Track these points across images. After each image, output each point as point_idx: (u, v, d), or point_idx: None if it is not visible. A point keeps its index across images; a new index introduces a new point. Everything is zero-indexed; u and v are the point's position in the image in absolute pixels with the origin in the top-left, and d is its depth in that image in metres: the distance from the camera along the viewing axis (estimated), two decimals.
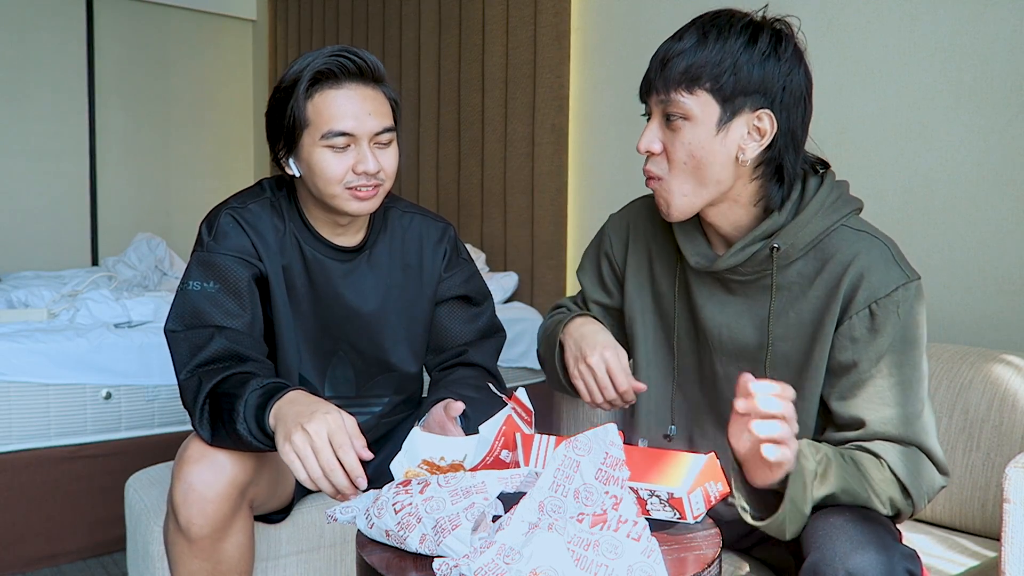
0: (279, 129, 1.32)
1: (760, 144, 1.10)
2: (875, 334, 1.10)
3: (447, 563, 0.84)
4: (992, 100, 1.78)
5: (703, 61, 1.07)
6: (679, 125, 1.10)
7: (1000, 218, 1.78)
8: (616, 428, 0.92)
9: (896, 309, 1.09)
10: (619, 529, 0.86)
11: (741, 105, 1.08)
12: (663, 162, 1.13)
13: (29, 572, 2.18)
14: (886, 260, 1.11)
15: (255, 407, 1.14)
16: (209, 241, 1.33)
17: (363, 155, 1.29)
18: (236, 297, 1.31)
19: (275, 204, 1.39)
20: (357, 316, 1.42)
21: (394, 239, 1.46)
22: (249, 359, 1.27)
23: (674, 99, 1.09)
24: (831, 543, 0.97)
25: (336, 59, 1.28)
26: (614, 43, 2.73)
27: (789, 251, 1.14)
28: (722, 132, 1.09)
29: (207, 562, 1.22)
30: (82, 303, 2.47)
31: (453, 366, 1.51)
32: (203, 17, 4.81)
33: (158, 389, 2.32)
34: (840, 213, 1.14)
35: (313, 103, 1.28)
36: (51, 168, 4.30)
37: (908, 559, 0.95)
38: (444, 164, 3.45)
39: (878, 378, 1.10)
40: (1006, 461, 1.38)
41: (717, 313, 1.22)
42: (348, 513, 1.00)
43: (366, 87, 1.30)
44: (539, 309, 2.97)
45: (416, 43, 3.62)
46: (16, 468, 2.14)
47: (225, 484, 1.19)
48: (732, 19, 1.10)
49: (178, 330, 1.29)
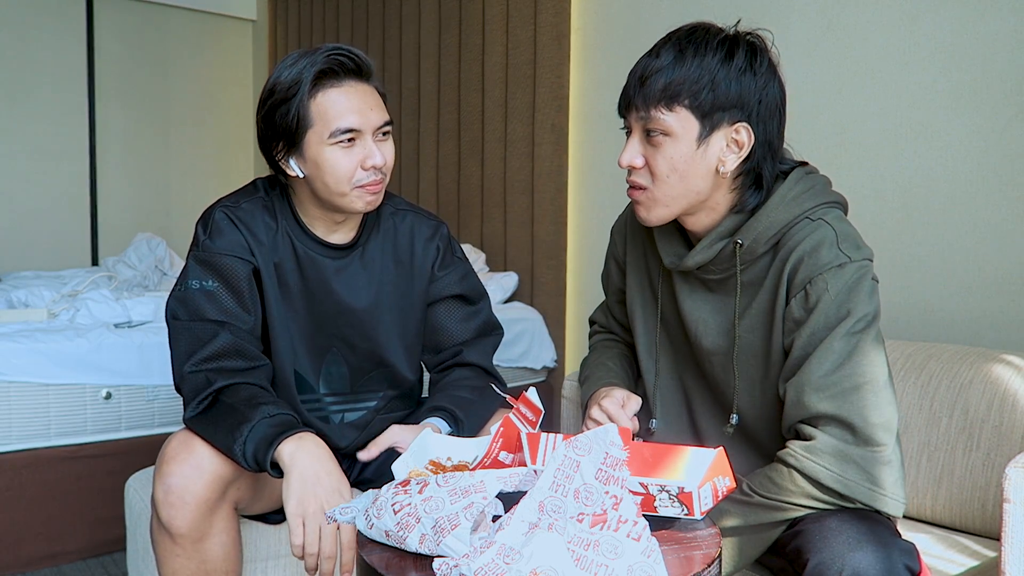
0: (277, 131, 1.32)
1: (739, 156, 1.14)
2: (808, 313, 1.11)
3: (447, 563, 0.84)
4: (992, 100, 1.78)
5: (682, 78, 1.10)
6: (660, 141, 1.13)
7: (1000, 218, 1.78)
8: (616, 428, 0.92)
9: (826, 287, 1.10)
10: (619, 529, 0.86)
11: (720, 120, 1.12)
12: (646, 174, 1.17)
13: (29, 572, 2.18)
14: (828, 243, 1.12)
15: (261, 438, 1.18)
16: (205, 239, 1.35)
17: (370, 150, 1.31)
18: (236, 295, 1.33)
19: (267, 202, 1.41)
20: (350, 312, 1.43)
21: (386, 236, 1.47)
22: (252, 358, 1.31)
23: (654, 116, 1.12)
24: (830, 544, 0.98)
25: (334, 58, 1.29)
26: (614, 43, 2.73)
27: (753, 246, 1.16)
28: (702, 146, 1.12)
29: (191, 560, 1.23)
30: (82, 303, 2.47)
31: (450, 367, 1.53)
32: (203, 17, 4.81)
33: (158, 389, 2.32)
34: (803, 206, 1.15)
35: (316, 102, 1.29)
36: (51, 168, 4.30)
37: (906, 554, 0.96)
38: (444, 164, 3.45)
39: (812, 357, 1.10)
40: (1006, 461, 1.38)
41: (695, 310, 1.26)
42: (347, 513, 1.00)
43: (363, 83, 1.33)
44: (539, 309, 2.97)
45: (416, 43, 3.62)
46: (16, 468, 2.14)
47: (205, 484, 1.21)
48: (708, 35, 1.12)
49: (181, 319, 1.32)
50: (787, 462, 1.09)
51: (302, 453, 1.16)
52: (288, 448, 1.16)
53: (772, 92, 1.14)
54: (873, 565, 0.94)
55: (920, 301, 1.91)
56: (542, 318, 2.94)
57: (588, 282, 2.88)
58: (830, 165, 1.98)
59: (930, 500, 1.48)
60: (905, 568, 0.95)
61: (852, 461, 1.06)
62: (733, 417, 1.23)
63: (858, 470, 1.06)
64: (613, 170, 2.76)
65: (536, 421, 1.14)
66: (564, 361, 2.93)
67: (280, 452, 1.16)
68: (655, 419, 1.35)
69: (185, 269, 1.35)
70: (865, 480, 1.06)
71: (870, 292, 1.11)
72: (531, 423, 1.13)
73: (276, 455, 1.16)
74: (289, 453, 1.15)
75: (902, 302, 1.91)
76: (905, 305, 1.92)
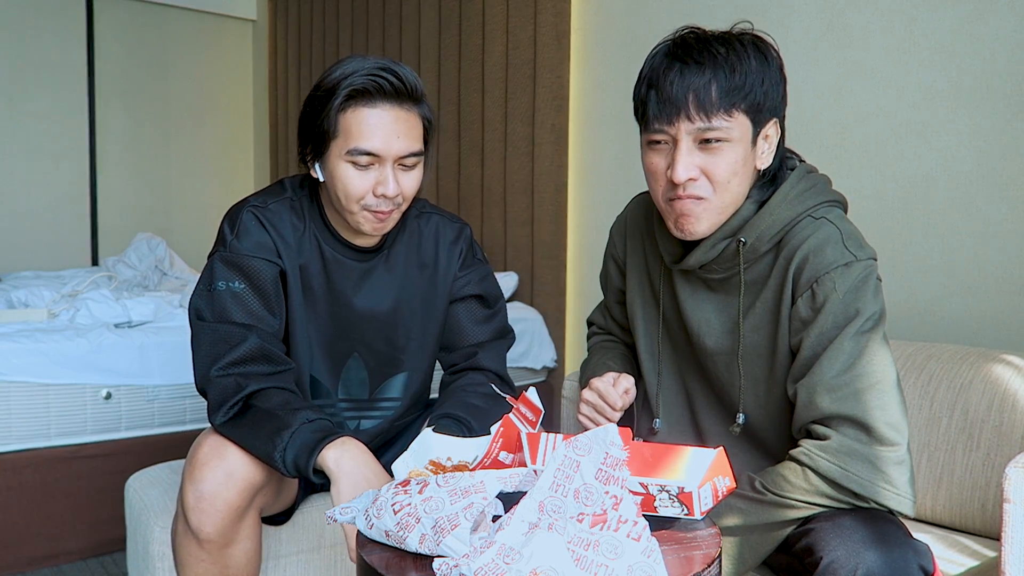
0: (309, 132, 1.32)
1: (771, 152, 1.16)
2: (816, 313, 1.12)
3: (447, 563, 0.84)
4: (992, 100, 1.78)
5: (738, 83, 1.10)
6: (720, 148, 1.12)
7: (1000, 218, 1.78)
8: (616, 428, 0.92)
9: (834, 286, 1.10)
10: (619, 529, 0.86)
11: (764, 119, 1.14)
12: (706, 184, 1.14)
13: (29, 572, 2.18)
14: (833, 242, 1.13)
15: (302, 444, 1.17)
16: (232, 239, 1.33)
17: (385, 177, 1.28)
18: (263, 297, 1.32)
19: (295, 204, 1.39)
20: (373, 317, 1.43)
21: (411, 239, 1.46)
22: (279, 362, 1.29)
23: (716, 124, 1.10)
24: (843, 544, 0.98)
25: (374, 78, 1.26)
26: (614, 43, 2.73)
27: (756, 245, 1.16)
28: (754, 148, 1.14)
29: (215, 566, 1.22)
30: (82, 303, 2.47)
31: (463, 370, 1.51)
32: (203, 17, 4.81)
33: (158, 389, 2.32)
34: (805, 204, 1.16)
35: (344, 117, 1.27)
36: (51, 168, 4.30)
37: (921, 555, 0.96)
38: (444, 164, 3.45)
39: (823, 357, 1.11)
40: (1006, 461, 1.38)
41: (697, 310, 1.26)
42: (348, 514, 1.00)
43: (400, 108, 1.28)
44: (539, 309, 2.97)
45: (416, 43, 3.62)
46: (16, 468, 2.14)
47: (237, 491, 1.20)
48: (733, 38, 1.13)
49: (207, 319, 1.30)
50: (801, 461, 1.09)
51: (347, 458, 1.15)
52: (332, 454, 1.15)
53: (785, 87, 1.17)
54: (888, 565, 0.94)
55: (920, 301, 1.91)
56: (542, 318, 2.94)
57: (588, 282, 2.88)
58: (830, 165, 1.98)
59: (930, 500, 1.48)
60: (919, 568, 0.95)
61: (867, 460, 1.06)
62: (740, 417, 1.22)
63: (873, 469, 1.06)
64: (613, 170, 2.76)
65: (536, 421, 1.14)
66: (564, 361, 2.93)
67: (324, 458, 1.15)
68: (658, 419, 1.34)
69: (211, 268, 1.33)
70: (880, 479, 1.06)
71: (876, 291, 1.12)
72: (531, 423, 1.13)
73: (320, 461, 1.15)
74: (334, 459, 1.15)
75: (902, 302, 1.91)
76: (905, 305, 1.92)
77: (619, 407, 1.28)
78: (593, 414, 1.29)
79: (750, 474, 1.14)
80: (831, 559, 0.97)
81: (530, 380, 2.87)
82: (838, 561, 0.96)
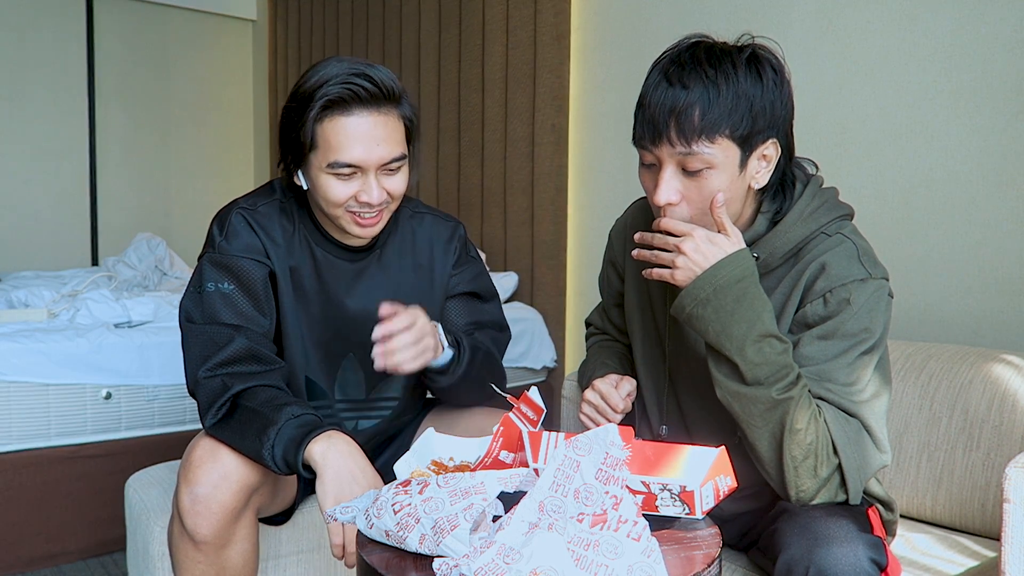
0: (287, 142, 1.30)
1: (769, 170, 1.14)
2: (826, 320, 1.12)
3: (447, 563, 0.84)
4: (992, 100, 1.78)
5: (721, 110, 1.06)
6: (703, 174, 1.09)
7: (1000, 218, 1.78)
8: (617, 428, 0.92)
9: (848, 298, 1.11)
10: (619, 529, 0.86)
11: (756, 141, 1.10)
12: (684, 209, 1.12)
13: (29, 572, 2.18)
14: (849, 257, 1.13)
15: (289, 440, 1.16)
16: (221, 241, 1.33)
17: (368, 185, 1.27)
18: (252, 298, 1.32)
19: (285, 206, 1.38)
20: (368, 317, 1.42)
21: (404, 239, 1.46)
22: (267, 361, 1.29)
23: (696, 151, 1.07)
24: (798, 541, 1.00)
25: (348, 86, 1.23)
26: (614, 43, 2.73)
27: (769, 260, 1.17)
28: (743, 171, 1.11)
29: (211, 567, 1.22)
30: (82, 303, 2.47)
31: None
32: (203, 17, 4.81)
33: (158, 389, 2.32)
34: (819, 222, 1.16)
35: (322, 128, 1.24)
36: (51, 168, 4.30)
37: (872, 548, 0.97)
38: (444, 164, 3.45)
39: (828, 360, 1.11)
40: (1006, 461, 1.38)
41: None
42: (348, 513, 1.00)
43: (378, 113, 1.26)
44: (539, 309, 2.97)
45: (416, 43, 3.62)
46: (16, 468, 2.14)
47: (232, 493, 1.20)
48: (728, 55, 1.09)
49: (196, 321, 1.29)
50: (820, 408, 1.10)
51: (334, 452, 1.15)
52: (319, 448, 1.15)
53: (791, 99, 1.14)
54: (839, 561, 0.95)
55: (920, 301, 1.91)
56: (542, 318, 2.94)
57: (588, 282, 2.88)
58: (830, 165, 1.99)
59: (930, 500, 1.48)
60: (871, 562, 0.96)
61: (865, 456, 1.10)
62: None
63: (864, 466, 1.10)
64: (613, 170, 2.76)
65: (537, 420, 1.14)
66: (564, 361, 2.93)
67: (311, 452, 1.15)
68: (664, 426, 1.33)
69: (200, 270, 1.32)
70: (857, 456, 1.09)
71: (886, 309, 1.13)
72: (532, 422, 1.13)
73: (307, 455, 1.15)
74: (320, 452, 1.14)
75: (902, 302, 1.91)
76: (905, 305, 1.92)
77: (620, 409, 1.28)
78: (594, 414, 1.29)
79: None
80: (786, 558, 0.99)
81: (530, 380, 2.87)
82: (792, 560, 0.98)
